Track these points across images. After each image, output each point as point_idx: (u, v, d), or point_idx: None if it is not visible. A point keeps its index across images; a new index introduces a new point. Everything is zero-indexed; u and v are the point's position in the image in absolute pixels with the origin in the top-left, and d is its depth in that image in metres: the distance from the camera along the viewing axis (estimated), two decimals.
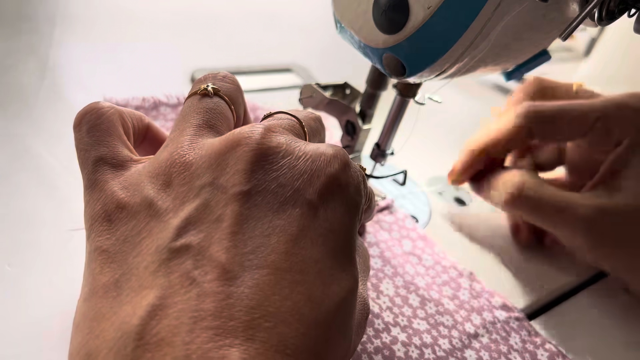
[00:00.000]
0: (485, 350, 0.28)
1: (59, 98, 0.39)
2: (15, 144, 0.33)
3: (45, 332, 0.22)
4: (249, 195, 0.17)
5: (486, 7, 0.21)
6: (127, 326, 0.15)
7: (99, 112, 0.21)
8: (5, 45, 0.43)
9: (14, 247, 0.26)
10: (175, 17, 0.59)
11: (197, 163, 0.18)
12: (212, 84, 0.22)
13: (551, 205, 0.31)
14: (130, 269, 0.17)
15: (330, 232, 0.18)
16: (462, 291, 0.31)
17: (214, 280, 0.16)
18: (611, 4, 0.22)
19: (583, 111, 0.33)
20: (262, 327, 0.15)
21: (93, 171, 0.20)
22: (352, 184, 0.19)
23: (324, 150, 0.19)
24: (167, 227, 0.17)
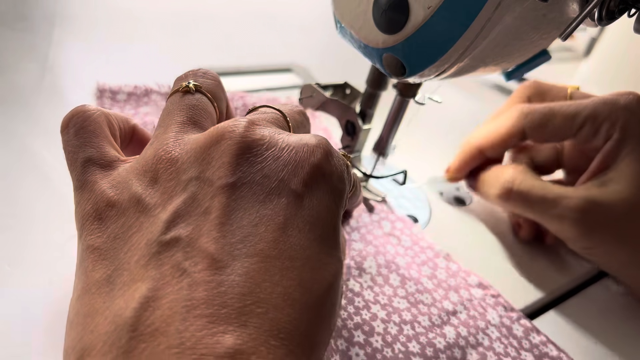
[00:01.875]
0: (464, 326, 0.28)
1: (58, 98, 0.39)
2: (14, 143, 0.33)
3: (46, 332, 0.22)
4: (234, 187, 0.18)
5: (486, 7, 0.21)
6: (120, 319, 0.16)
7: (85, 114, 0.21)
8: (4, 45, 0.43)
9: (14, 246, 0.26)
10: (174, 17, 0.59)
11: (183, 158, 0.19)
12: (194, 80, 0.23)
13: (540, 197, 0.32)
14: (121, 264, 0.17)
15: (316, 219, 0.18)
16: (439, 270, 0.32)
17: (205, 270, 0.16)
18: (611, 4, 0.22)
19: (573, 111, 0.33)
20: (254, 313, 0.16)
21: (82, 172, 0.20)
22: (335, 173, 0.20)
23: (307, 140, 0.19)
24: (156, 222, 0.18)
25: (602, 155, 0.33)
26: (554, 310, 0.32)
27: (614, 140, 0.32)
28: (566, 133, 0.34)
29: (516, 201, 0.34)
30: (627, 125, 0.32)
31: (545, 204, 0.32)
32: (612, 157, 0.32)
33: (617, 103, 0.33)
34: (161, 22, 0.56)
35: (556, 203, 0.32)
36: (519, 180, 0.33)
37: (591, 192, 0.31)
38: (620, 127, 0.32)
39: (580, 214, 0.31)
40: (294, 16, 0.69)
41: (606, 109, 0.32)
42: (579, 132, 0.33)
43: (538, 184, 0.33)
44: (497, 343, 0.28)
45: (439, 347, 0.27)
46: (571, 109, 0.33)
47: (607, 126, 0.32)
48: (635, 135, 0.32)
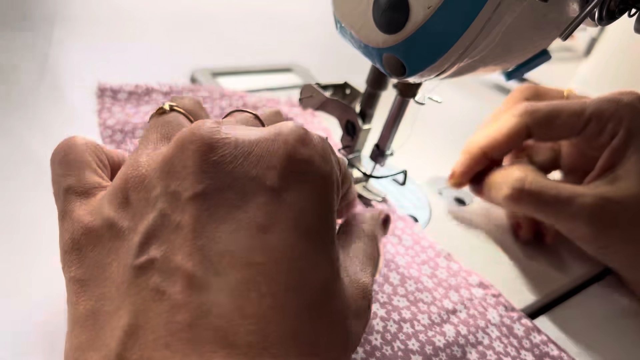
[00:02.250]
0: (464, 325, 0.28)
1: (59, 97, 0.39)
2: (14, 143, 0.33)
3: (47, 332, 0.22)
4: (204, 195, 0.16)
5: (486, 7, 0.21)
6: (107, 350, 0.15)
7: (68, 144, 0.21)
8: (4, 45, 0.43)
9: (14, 246, 0.26)
10: (175, 17, 0.59)
11: (150, 175, 0.18)
12: (170, 102, 0.22)
13: (554, 197, 0.31)
14: (103, 293, 0.17)
15: (300, 213, 0.17)
16: (440, 270, 0.32)
17: (184, 291, 0.15)
18: (611, 4, 0.22)
19: (578, 109, 0.33)
20: (242, 330, 0.15)
21: (64, 202, 0.20)
22: (315, 156, 0.18)
23: (278, 129, 0.18)
24: (130, 246, 0.17)
25: (609, 153, 0.32)
26: (554, 310, 0.32)
27: (620, 137, 0.32)
28: (572, 130, 0.34)
29: (528, 201, 0.32)
30: (633, 123, 0.32)
31: (558, 203, 0.31)
32: (620, 155, 0.32)
33: (621, 101, 0.32)
34: (162, 21, 0.56)
35: (570, 202, 0.31)
36: (530, 180, 0.32)
37: (602, 190, 0.31)
38: (626, 124, 0.32)
39: (594, 212, 0.30)
40: (294, 16, 0.69)
41: (611, 107, 0.32)
42: (584, 130, 0.33)
43: (550, 183, 0.32)
44: (497, 342, 0.28)
45: (439, 345, 0.27)
46: (576, 106, 0.33)
47: (612, 124, 0.32)
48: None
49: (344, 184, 0.22)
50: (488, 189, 0.36)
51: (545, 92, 0.39)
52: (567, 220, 0.32)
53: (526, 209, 0.33)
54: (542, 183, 0.32)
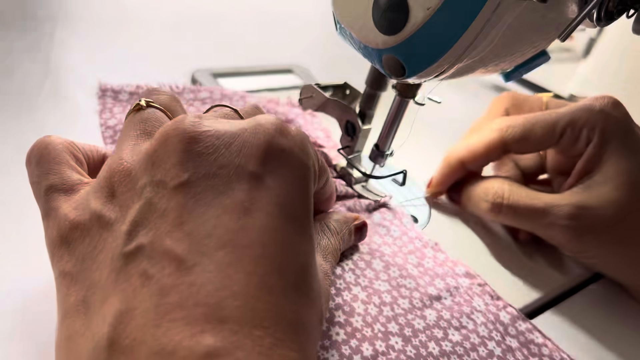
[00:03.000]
0: (447, 311, 0.29)
1: (61, 98, 0.39)
2: (17, 143, 0.33)
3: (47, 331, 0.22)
4: (189, 184, 0.17)
5: (485, 8, 0.21)
6: (98, 337, 0.16)
7: (43, 144, 0.21)
8: (7, 46, 0.43)
9: (15, 247, 0.26)
10: (176, 18, 0.59)
11: (135, 168, 0.18)
12: (145, 98, 0.23)
13: (530, 208, 0.33)
14: (93, 283, 0.17)
15: (283, 198, 0.18)
16: (427, 260, 0.32)
17: (173, 274, 0.16)
18: (610, 5, 0.22)
19: (552, 121, 0.34)
20: (232, 307, 0.15)
21: (46, 200, 0.20)
22: (294, 146, 0.19)
23: (257, 121, 0.19)
24: (118, 235, 0.17)
25: (584, 160, 0.33)
26: (553, 309, 0.32)
27: (594, 144, 0.32)
28: (548, 143, 0.34)
29: (506, 214, 0.34)
30: (606, 129, 0.32)
31: (534, 214, 0.33)
32: (595, 161, 0.32)
33: (594, 108, 0.33)
34: (163, 22, 0.57)
35: (545, 212, 0.32)
36: (508, 194, 0.34)
37: (578, 197, 0.32)
38: (599, 131, 0.32)
39: (570, 220, 0.31)
40: (294, 17, 0.69)
41: (584, 115, 0.33)
42: (560, 141, 0.34)
43: (525, 194, 0.34)
44: (482, 327, 0.28)
45: (418, 327, 0.27)
46: (550, 118, 0.34)
47: (586, 131, 0.33)
48: (614, 138, 0.32)
49: (321, 175, 0.24)
50: (466, 201, 0.37)
51: (525, 101, 0.40)
52: (545, 228, 0.33)
53: (506, 221, 0.35)
54: (518, 195, 0.34)
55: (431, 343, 0.26)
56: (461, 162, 0.37)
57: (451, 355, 0.26)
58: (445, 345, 0.27)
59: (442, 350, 0.26)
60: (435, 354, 0.26)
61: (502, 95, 0.41)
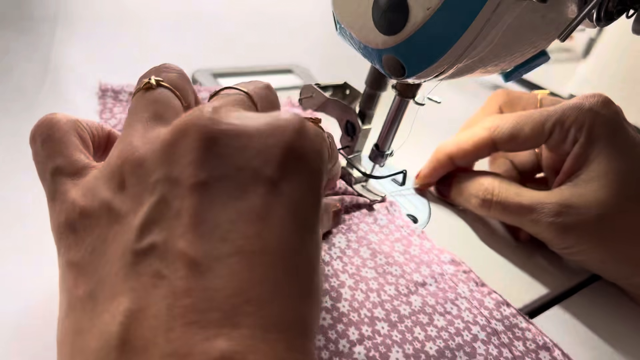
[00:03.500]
0: (432, 297, 0.29)
1: (61, 98, 0.39)
2: (16, 144, 0.33)
3: (46, 332, 0.22)
4: (206, 184, 0.17)
5: (485, 8, 0.22)
6: (107, 335, 0.15)
7: (50, 123, 0.21)
8: (6, 46, 0.43)
9: (15, 247, 0.26)
10: (176, 17, 0.59)
11: (149, 158, 0.18)
12: (155, 76, 0.22)
13: (517, 205, 0.34)
14: (102, 278, 0.17)
15: (298, 204, 0.17)
16: (413, 247, 0.33)
17: (186, 276, 0.15)
18: (610, 5, 0.22)
19: (540, 120, 0.34)
20: (245, 312, 0.15)
21: (52, 182, 0.19)
22: (311, 150, 0.18)
23: (276, 120, 0.18)
24: (129, 230, 0.17)
25: (571, 159, 0.33)
26: (553, 309, 0.32)
27: (580, 143, 0.33)
28: (536, 141, 0.35)
29: (495, 210, 0.35)
30: (593, 127, 0.32)
31: (521, 211, 0.33)
32: (582, 160, 0.33)
33: (583, 106, 0.33)
34: (163, 22, 0.57)
35: (531, 209, 0.33)
36: (497, 190, 0.35)
37: (564, 196, 0.32)
38: (586, 130, 0.32)
39: (554, 217, 0.32)
40: (294, 17, 0.69)
41: (573, 114, 0.33)
42: (549, 139, 0.34)
43: (513, 191, 0.34)
44: (467, 312, 0.29)
45: (404, 313, 0.28)
46: (540, 117, 0.34)
47: (574, 130, 0.33)
48: (602, 137, 0.32)
49: (331, 159, 0.23)
50: (457, 196, 0.38)
51: (519, 98, 0.40)
52: (531, 225, 0.33)
53: (496, 217, 0.36)
54: (506, 192, 0.34)
55: (416, 328, 0.27)
56: (450, 157, 0.38)
57: (436, 340, 0.27)
58: (431, 330, 0.27)
59: (427, 335, 0.27)
60: (420, 339, 0.27)
61: (497, 92, 0.41)
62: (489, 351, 0.27)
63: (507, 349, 0.28)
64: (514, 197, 0.34)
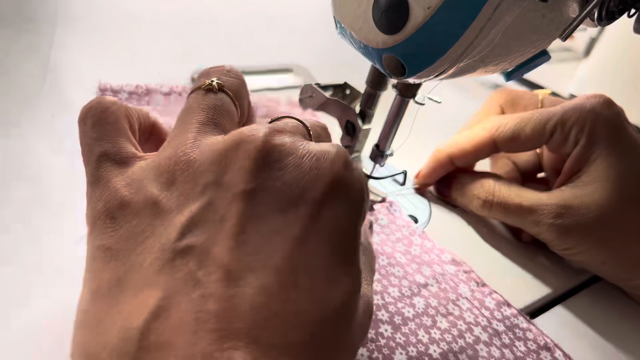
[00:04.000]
0: (434, 298, 0.29)
1: (60, 98, 0.39)
2: (16, 144, 0.33)
3: (46, 333, 0.22)
4: (253, 194, 0.17)
5: (486, 8, 0.21)
6: (129, 327, 0.15)
7: (103, 106, 0.20)
8: (6, 46, 0.43)
9: (15, 247, 0.26)
10: (176, 17, 0.59)
11: (201, 161, 0.18)
12: (217, 78, 0.22)
13: (517, 206, 0.34)
14: (133, 266, 0.17)
15: (335, 232, 0.18)
16: (414, 247, 0.33)
17: (218, 281, 0.15)
18: (611, 4, 0.22)
19: (542, 120, 0.34)
20: (266, 328, 0.15)
21: (97, 167, 0.19)
22: (356, 183, 0.19)
23: (327, 148, 0.19)
24: (171, 227, 0.17)
25: (572, 160, 0.33)
26: (554, 310, 0.32)
27: (582, 144, 0.33)
28: (537, 142, 0.35)
29: (496, 211, 0.35)
30: (594, 129, 0.32)
31: (522, 212, 0.33)
32: (582, 161, 0.33)
33: (584, 107, 0.33)
34: (162, 22, 0.57)
35: (532, 210, 0.33)
36: (498, 191, 0.35)
37: (564, 197, 0.32)
38: (587, 130, 0.32)
39: (555, 219, 0.32)
40: (294, 16, 0.69)
41: (574, 114, 0.33)
42: (550, 140, 0.34)
43: (514, 192, 0.34)
44: (468, 313, 0.29)
45: (408, 315, 0.28)
46: (541, 117, 0.34)
47: (575, 131, 0.33)
48: (602, 138, 0.32)
49: None
50: (459, 197, 0.38)
51: (520, 97, 0.39)
52: (531, 226, 0.33)
53: (497, 218, 0.36)
54: (507, 193, 0.34)
55: (420, 331, 0.27)
56: (449, 157, 0.37)
57: (440, 342, 0.27)
58: (434, 332, 0.27)
59: (431, 338, 0.27)
60: (424, 342, 0.27)
61: (498, 91, 0.41)
62: (491, 353, 0.27)
63: (509, 349, 0.28)
64: (515, 198, 0.34)
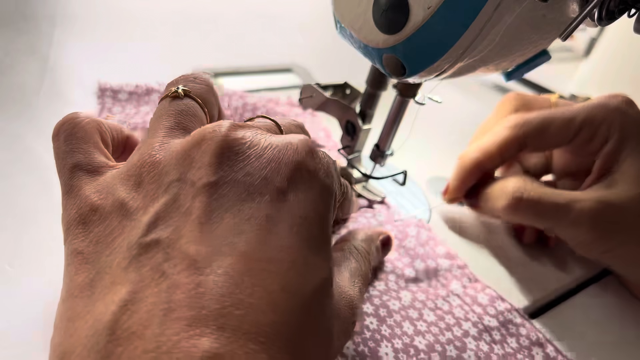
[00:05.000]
0: (423, 293, 0.29)
1: (60, 97, 0.39)
2: (15, 144, 0.33)
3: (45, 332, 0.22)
4: (216, 186, 0.17)
5: (486, 7, 0.21)
6: (99, 323, 0.16)
7: (74, 121, 0.21)
8: (5, 45, 0.43)
9: (14, 247, 0.26)
10: (175, 17, 0.59)
11: (166, 161, 0.19)
12: (183, 85, 0.22)
13: (553, 204, 0.31)
14: (103, 267, 0.17)
15: (303, 218, 0.18)
16: (409, 239, 0.33)
17: (184, 271, 0.16)
18: (611, 4, 0.22)
19: (568, 117, 0.33)
20: (233, 315, 0.15)
21: (70, 177, 0.20)
22: (321, 169, 0.19)
23: (289, 139, 0.19)
24: (138, 224, 0.17)
25: (603, 158, 0.33)
26: (554, 310, 0.32)
27: (613, 142, 0.32)
28: (564, 139, 0.34)
29: (527, 210, 0.32)
30: (624, 127, 0.32)
31: (558, 210, 0.31)
32: (614, 159, 0.32)
33: (609, 106, 0.33)
34: (162, 21, 0.57)
35: (570, 208, 0.31)
36: (529, 189, 0.32)
37: (601, 194, 0.31)
38: (618, 128, 0.32)
39: (595, 216, 0.30)
40: (294, 16, 0.69)
41: (600, 113, 0.33)
42: (576, 138, 0.33)
43: (548, 191, 0.32)
44: (458, 309, 0.29)
45: (393, 308, 0.28)
46: (566, 115, 0.33)
47: (604, 129, 0.32)
48: (633, 136, 0.32)
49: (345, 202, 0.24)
50: (485, 201, 0.35)
51: (533, 101, 0.39)
52: (568, 226, 0.31)
53: (526, 218, 0.33)
54: (540, 191, 0.32)
55: (406, 323, 0.27)
56: (476, 164, 0.36)
57: (426, 334, 0.27)
58: (420, 325, 0.27)
59: (416, 330, 0.27)
60: (409, 334, 0.27)
61: (509, 95, 0.40)
62: (479, 347, 0.27)
63: (499, 345, 0.28)
64: (549, 196, 0.32)
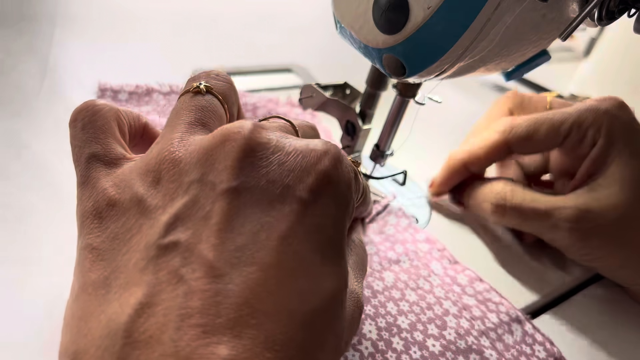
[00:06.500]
0: (405, 273, 0.30)
1: (60, 98, 0.39)
2: (15, 143, 0.33)
3: (45, 332, 0.22)
4: (237, 191, 0.17)
5: (486, 7, 0.21)
6: (114, 324, 0.15)
7: (94, 109, 0.21)
8: (5, 45, 0.43)
9: (14, 246, 0.26)
10: (175, 17, 0.59)
11: (186, 159, 0.18)
12: (205, 81, 0.22)
13: (533, 210, 0.33)
14: (119, 266, 0.17)
15: (320, 228, 0.18)
16: (389, 227, 0.34)
17: (202, 278, 0.16)
18: (611, 4, 0.22)
19: (557, 121, 0.34)
20: (249, 324, 0.15)
21: (86, 168, 0.19)
22: (343, 181, 0.19)
23: (314, 145, 0.19)
24: (156, 224, 0.17)
25: (589, 162, 0.33)
26: (554, 310, 0.32)
27: (599, 146, 0.32)
28: (552, 143, 0.34)
29: (510, 216, 0.34)
30: (611, 130, 0.32)
31: (538, 216, 0.32)
32: (600, 163, 0.32)
33: (599, 109, 0.33)
34: (162, 21, 0.57)
35: (549, 214, 0.32)
36: (510, 196, 0.34)
37: (582, 200, 0.31)
38: (605, 132, 0.32)
39: (574, 223, 0.31)
40: (294, 16, 0.69)
41: (590, 116, 0.33)
42: (565, 141, 0.34)
43: (528, 196, 0.33)
44: (439, 289, 0.30)
45: (377, 289, 0.29)
46: (555, 119, 0.34)
47: (592, 132, 0.32)
48: (620, 140, 0.32)
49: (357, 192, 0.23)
50: (469, 203, 0.37)
51: (529, 100, 0.39)
52: (548, 231, 0.33)
53: (510, 223, 0.35)
54: (521, 197, 0.33)
55: (389, 303, 0.28)
56: (463, 164, 0.37)
57: (408, 314, 0.28)
58: (403, 305, 0.28)
59: (399, 310, 0.28)
60: (393, 313, 0.27)
61: (506, 94, 0.40)
62: (460, 324, 0.28)
63: (480, 321, 0.28)
64: (530, 202, 0.33)
